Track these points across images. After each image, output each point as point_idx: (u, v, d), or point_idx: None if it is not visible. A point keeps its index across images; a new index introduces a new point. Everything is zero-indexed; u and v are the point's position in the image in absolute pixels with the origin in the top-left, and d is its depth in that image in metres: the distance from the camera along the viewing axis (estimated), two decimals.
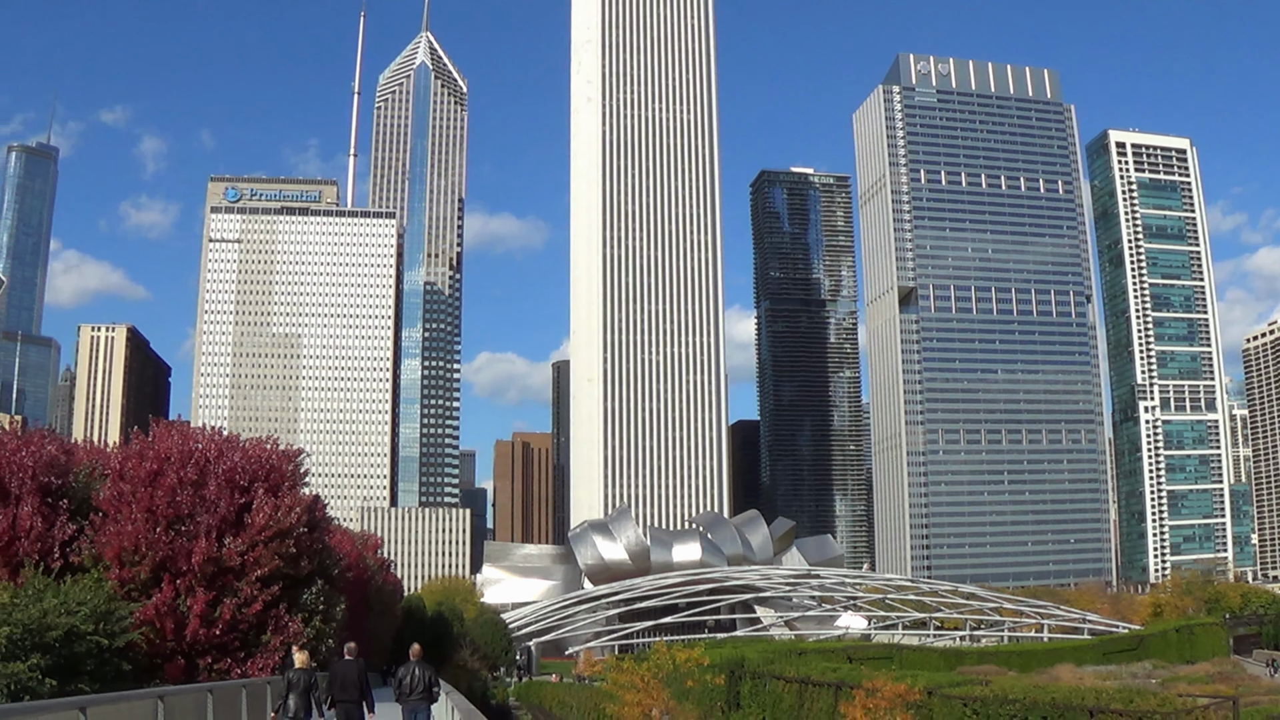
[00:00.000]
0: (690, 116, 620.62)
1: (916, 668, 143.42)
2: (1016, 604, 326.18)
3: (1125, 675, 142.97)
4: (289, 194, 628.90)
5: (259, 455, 71.59)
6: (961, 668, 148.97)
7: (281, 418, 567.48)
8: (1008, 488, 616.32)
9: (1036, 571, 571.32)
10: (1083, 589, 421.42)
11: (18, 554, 62.98)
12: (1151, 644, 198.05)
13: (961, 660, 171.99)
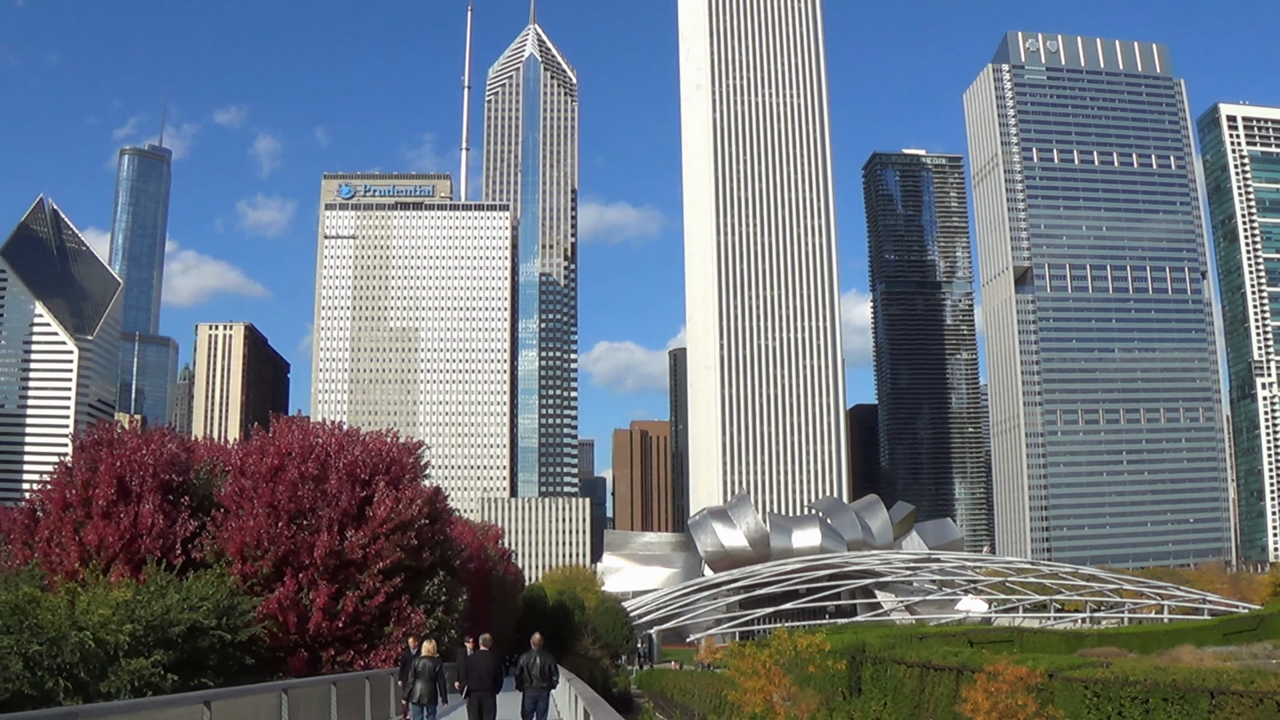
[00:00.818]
0: (800, 100, 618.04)
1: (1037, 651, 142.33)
2: (1136, 585, 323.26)
3: (1246, 656, 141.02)
4: (402, 189, 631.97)
5: (379, 448, 72.01)
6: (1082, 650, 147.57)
7: (400, 411, 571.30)
8: (1126, 468, 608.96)
9: (1156, 552, 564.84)
10: (1202, 569, 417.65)
11: (140, 551, 63.53)
12: (1272, 624, 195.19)
13: (1082, 642, 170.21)
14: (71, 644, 47.06)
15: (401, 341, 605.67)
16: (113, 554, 64.32)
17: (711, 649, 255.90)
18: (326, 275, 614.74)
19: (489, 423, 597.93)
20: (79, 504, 66.76)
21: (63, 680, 46.83)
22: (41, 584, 58.70)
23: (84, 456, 70.08)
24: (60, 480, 69.83)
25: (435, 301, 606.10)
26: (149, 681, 47.21)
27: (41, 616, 48.69)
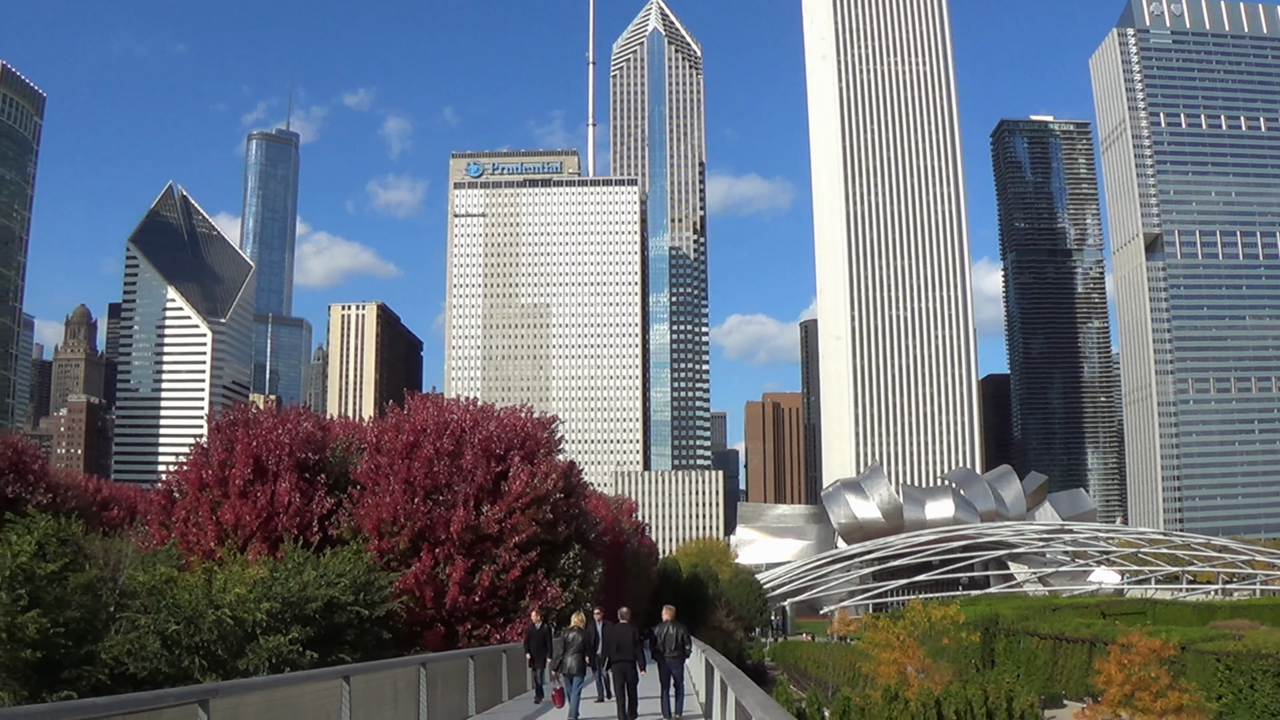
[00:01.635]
0: (926, 68, 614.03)
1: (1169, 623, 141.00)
2: (1269, 556, 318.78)
3: None
4: (530, 166, 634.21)
5: (514, 424, 72.17)
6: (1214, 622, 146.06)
7: (533, 387, 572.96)
8: (1258, 437, 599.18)
9: None
10: None
11: (276, 529, 63.98)
12: None
13: (1214, 615, 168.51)
14: (209, 622, 47.27)
15: (533, 318, 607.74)
16: (250, 532, 64.81)
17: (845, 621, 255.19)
18: (457, 253, 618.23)
19: (621, 397, 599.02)
20: (215, 484, 67.33)
21: (200, 658, 47.07)
22: (179, 564, 59.13)
23: (220, 437, 70.69)
24: (196, 461, 70.49)
25: (566, 277, 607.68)
26: (286, 658, 47.38)
27: (179, 596, 48.96)
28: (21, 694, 46.15)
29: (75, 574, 50.21)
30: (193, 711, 20.68)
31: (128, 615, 49.27)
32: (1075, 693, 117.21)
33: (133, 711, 19.25)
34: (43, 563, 49.01)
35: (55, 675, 47.07)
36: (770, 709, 19.93)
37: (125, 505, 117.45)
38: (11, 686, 46.33)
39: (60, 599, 48.23)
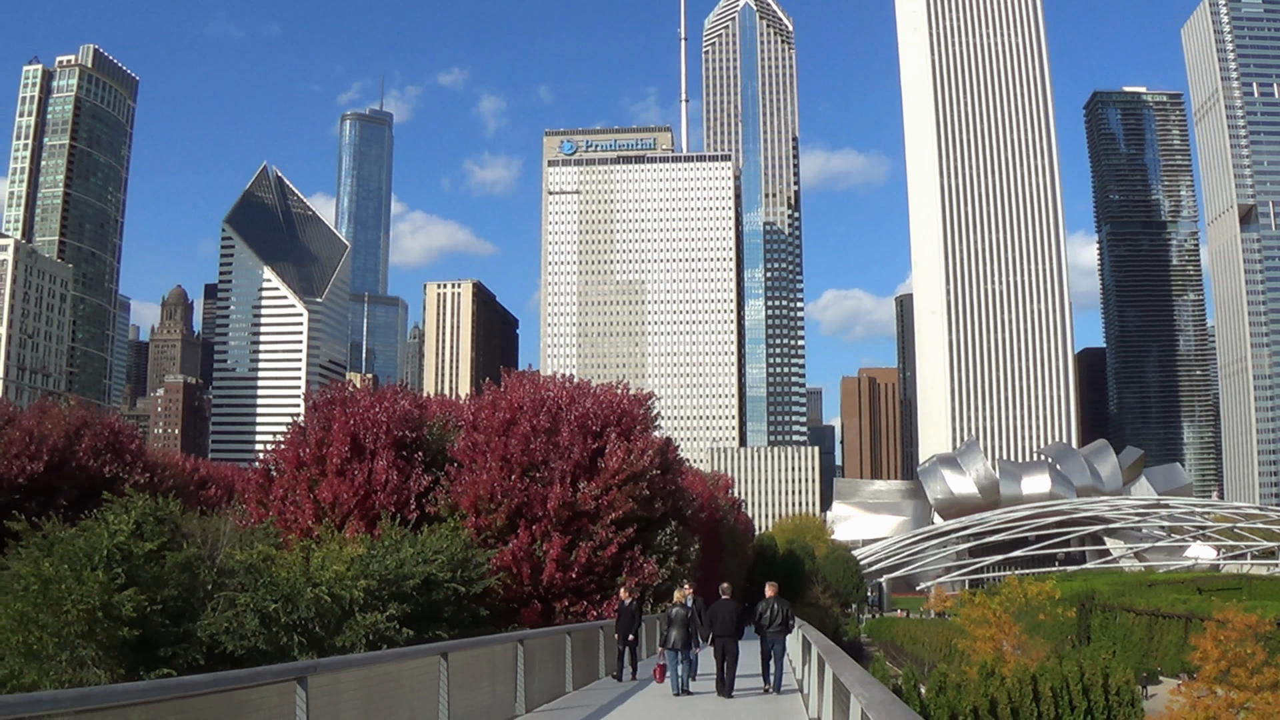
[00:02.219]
0: (1018, 40, 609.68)
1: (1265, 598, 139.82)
2: None
3: None
4: (624, 143, 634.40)
5: (610, 400, 72.09)
6: None
7: (629, 363, 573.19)
8: None
9: None
10: None
11: (374, 507, 64.25)
12: None
13: None
14: (306, 600, 47.43)
15: (628, 294, 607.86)
16: (347, 510, 65.07)
17: (941, 597, 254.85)
18: (551, 231, 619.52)
19: (717, 373, 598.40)
20: (313, 462, 67.64)
21: (298, 636, 47.22)
22: (276, 542, 59.34)
23: (317, 416, 71.02)
24: (294, 440, 70.86)
25: (660, 253, 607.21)
26: (384, 635, 47.53)
27: (276, 574, 49.17)
28: (119, 672, 46.42)
29: (173, 553, 50.43)
30: (291, 688, 20.66)
31: (225, 593, 49.52)
32: (1171, 669, 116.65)
33: (232, 688, 19.27)
34: (140, 542, 49.27)
35: (152, 653, 47.30)
36: (869, 685, 19.76)
37: (223, 484, 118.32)
38: (109, 664, 46.62)
39: (157, 577, 48.47)
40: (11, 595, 48.12)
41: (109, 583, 46.40)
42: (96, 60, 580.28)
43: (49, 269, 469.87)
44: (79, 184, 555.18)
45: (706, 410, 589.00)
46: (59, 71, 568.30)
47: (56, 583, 46.41)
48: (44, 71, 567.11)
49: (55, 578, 46.61)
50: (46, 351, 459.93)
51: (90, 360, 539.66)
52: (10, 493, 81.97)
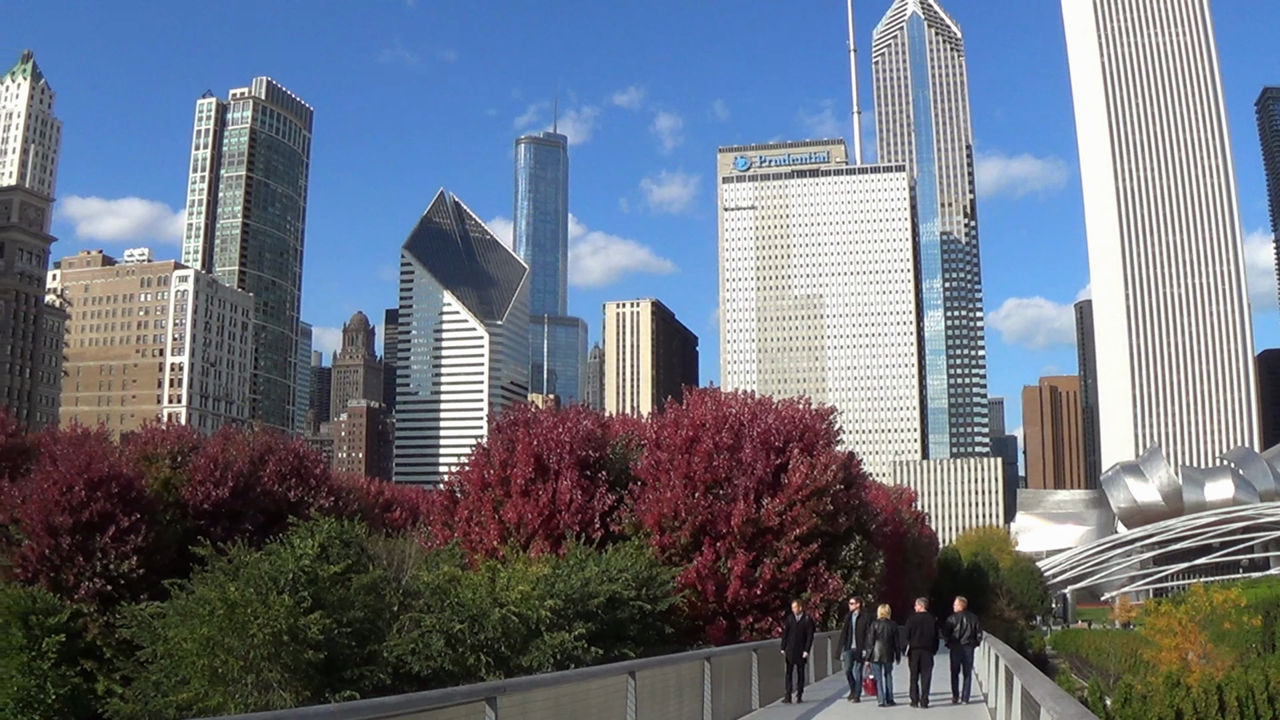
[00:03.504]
0: (1187, 37, 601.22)
1: None
2: None
3: None
4: (797, 157, 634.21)
5: (792, 416, 71.79)
6: None
7: (809, 378, 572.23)
8: None
9: None
10: None
11: (559, 527, 64.49)
12: None
13: None
14: (493, 620, 47.50)
15: (806, 309, 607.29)
16: (532, 530, 65.39)
17: (1125, 607, 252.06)
18: (728, 247, 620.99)
19: (897, 385, 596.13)
20: (497, 483, 68.11)
21: (484, 656, 47.32)
22: (462, 563, 59.60)
23: (501, 437, 71.52)
24: (478, 461, 71.40)
25: (837, 267, 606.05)
26: (570, 654, 47.50)
27: (462, 595, 49.30)
28: (304, 694, 46.76)
29: (358, 575, 50.78)
30: (480, 709, 20.55)
31: (411, 614, 49.76)
32: None
33: (422, 710, 19.18)
34: (326, 565, 49.66)
35: (338, 675, 47.67)
36: (1061, 699, 19.35)
37: (407, 506, 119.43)
38: (294, 687, 46.95)
39: (343, 600, 48.81)
40: (198, 619, 48.65)
41: (295, 606, 46.76)
42: (270, 92, 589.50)
43: (230, 298, 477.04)
44: (257, 214, 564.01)
45: (888, 423, 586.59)
46: (233, 104, 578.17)
47: (242, 606, 46.84)
48: (218, 104, 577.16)
49: (241, 601, 47.05)
50: (229, 379, 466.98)
51: (273, 387, 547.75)
52: (196, 518, 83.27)
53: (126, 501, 78.70)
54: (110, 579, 76.46)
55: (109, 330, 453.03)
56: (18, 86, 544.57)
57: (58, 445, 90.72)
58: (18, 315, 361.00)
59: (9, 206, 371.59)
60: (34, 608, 73.91)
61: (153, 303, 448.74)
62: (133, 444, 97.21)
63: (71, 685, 74.75)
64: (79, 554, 77.18)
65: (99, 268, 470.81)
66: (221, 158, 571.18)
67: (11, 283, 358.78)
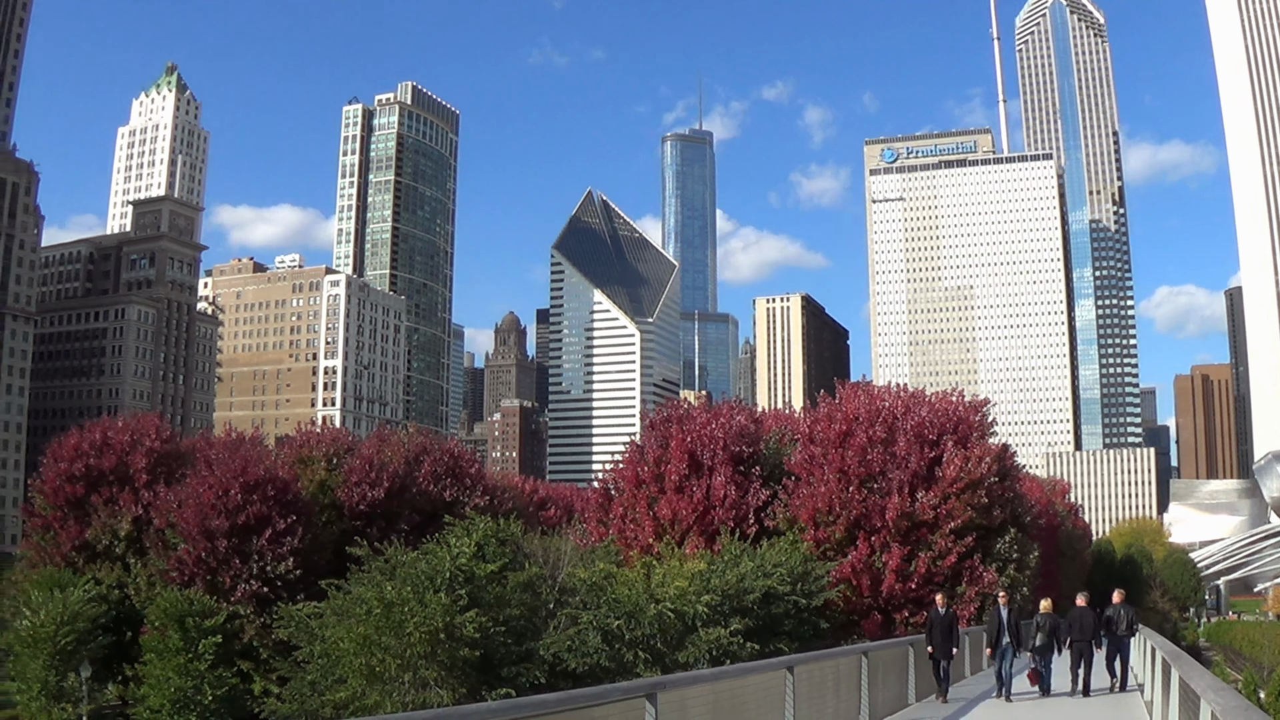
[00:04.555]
0: None
1: None
2: None
3: None
4: (944, 147, 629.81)
5: (945, 408, 71.48)
6: None
7: (960, 370, 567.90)
8: None
9: None
10: None
11: (713, 523, 64.50)
12: None
13: None
14: (649, 616, 47.60)
15: (956, 300, 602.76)
16: (686, 527, 65.48)
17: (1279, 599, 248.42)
18: (877, 240, 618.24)
19: (1049, 376, 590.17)
20: (651, 480, 68.24)
21: (640, 652, 47.38)
22: (617, 560, 59.81)
23: (654, 434, 71.75)
24: (632, 458, 71.64)
25: (987, 257, 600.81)
26: (727, 650, 47.52)
27: (618, 591, 49.41)
28: (460, 691, 47.07)
29: (514, 573, 50.99)
30: (640, 705, 20.51)
31: (567, 611, 49.95)
32: None
33: (582, 706, 19.17)
34: (482, 563, 49.94)
35: (494, 673, 47.95)
36: (1221, 692, 19.08)
37: (562, 504, 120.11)
38: (451, 685, 47.25)
39: (500, 598, 49.06)
40: (355, 619, 49.14)
41: (451, 604, 47.07)
42: (416, 96, 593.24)
43: (381, 301, 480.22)
44: (406, 218, 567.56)
45: (1040, 415, 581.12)
46: (379, 110, 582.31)
47: (399, 606, 47.24)
48: (364, 110, 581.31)
49: (398, 601, 47.46)
50: (383, 381, 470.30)
51: (426, 388, 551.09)
52: (352, 519, 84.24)
53: (282, 504, 79.82)
54: (267, 581, 77.65)
55: (262, 336, 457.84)
56: (163, 99, 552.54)
57: (213, 450, 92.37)
58: (170, 323, 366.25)
59: (158, 217, 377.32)
60: (190, 610, 75.25)
61: (305, 307, 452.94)
62: (288, 447, 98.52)
63: (228, 686, 76.00)
64: (235, 557, 78.44)
65: (250, 274, 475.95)
66: (369, 163, 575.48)
67: (164, 291, 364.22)
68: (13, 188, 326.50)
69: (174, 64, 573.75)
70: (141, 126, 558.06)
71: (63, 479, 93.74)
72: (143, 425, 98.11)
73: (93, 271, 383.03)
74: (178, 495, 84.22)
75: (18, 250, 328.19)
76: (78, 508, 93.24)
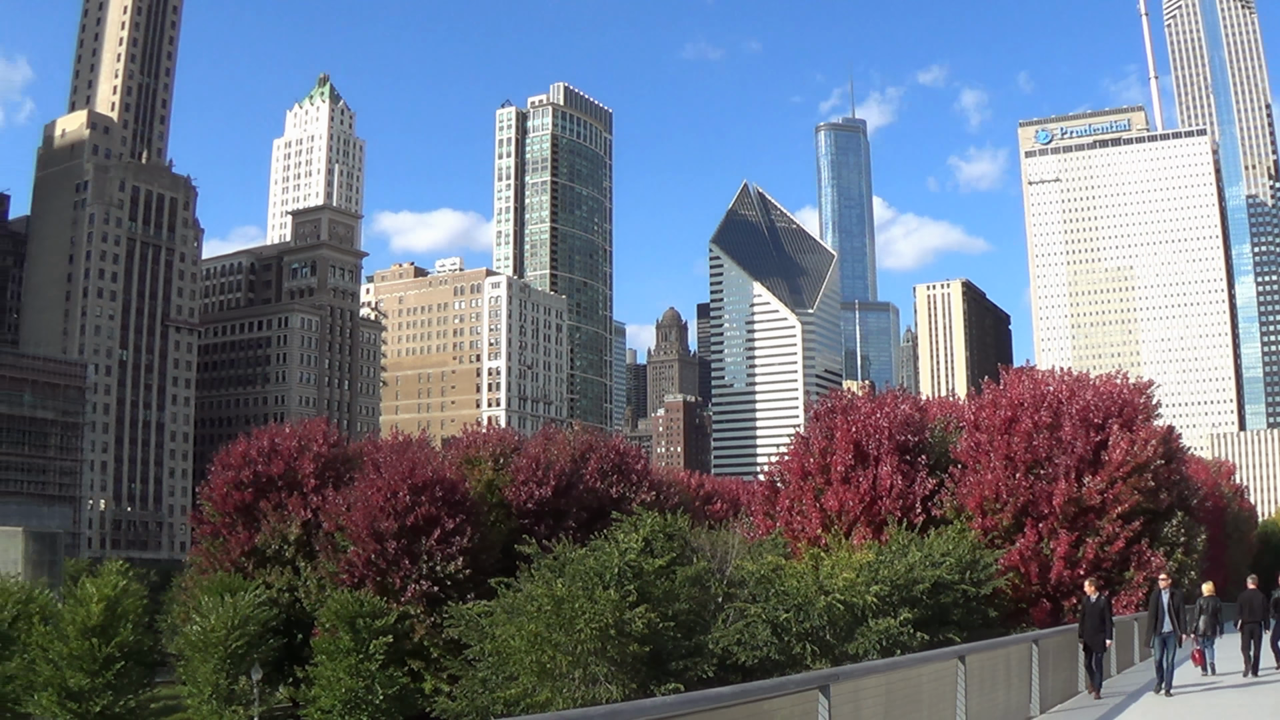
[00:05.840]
0: None
1: None
2: None
3: None
4: (1097, 127, 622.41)
5: (1110, 391, 71.07)
6: None
7: (1123, 351, 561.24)
8: None
9: None
10: None
11: (880, 513, 64.57)
12: None
13: None
14: (818, 608, 47.82)
15: (1116, 281, 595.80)
16: (853, 517, 65.64)
17: None
18: (1035, 222, 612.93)
19: (1211, 356, 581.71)
20: (817, 471, 68.52)
21: (809, 644, 47.56)
22: (785, 552, 60.09)
23: (819, 426, 71.97)
24: (798, 450, 71.94)
25: (1145, 236, 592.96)
26: (897, 640, 47.57)
27: (787, 583, 49.63)
28: (630, 687, 47.52)
29: (683, 568, 51.36)
30: (813, 697, 20.72)
31: (736, 605, 50.25)
32: None
33: (756, 699, 19.41)
34: (650, 558, 50.38)
35: (663, 668, 48.33)
36: None
37: (728, 498, 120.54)
38: (620, 680, 47.72)
39: (668, 593, 49.45)
40: (525, 616, 49.77)
41: (621, 600, 47.53)
42: (568, 97, 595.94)
43: (543, 301, 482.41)
44: (564, 217, 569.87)
45: (1203, 395, 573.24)
46: (532, 112, 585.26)
47: (569, 602, 47.77)
48: (518, 113, 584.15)
49: (567, 597, 48.00)
50: (546, 380, 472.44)
51: (590, 386, 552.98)
52: (520, 517, 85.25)
53: (451, 504, 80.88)
54: (436, 580, 78.80)
55: (425, 339, 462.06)
56: (317, 110, 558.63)
57: (380, 453, 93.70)
58: (334, 329, 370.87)
59: (318, 225, 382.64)
60: (361, 611, 76.60)
61: (467, 310, 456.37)
62: (455, 448, 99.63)
63: (399, 685, 77.16)
64: (405, 557, 79.65)
65: (411, 279, 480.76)
66: (525, 165, 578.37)
67: (326, 298, 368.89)
68: (171, 203, 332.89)
69: (326, 75, 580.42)
70: (297, 138, 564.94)
71: (231, 486, 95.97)
72: (310, 431, 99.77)
73: (254, 281, 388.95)
74: (346, 498, 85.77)
75: (179, 263, 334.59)
76: (246, 514, 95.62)
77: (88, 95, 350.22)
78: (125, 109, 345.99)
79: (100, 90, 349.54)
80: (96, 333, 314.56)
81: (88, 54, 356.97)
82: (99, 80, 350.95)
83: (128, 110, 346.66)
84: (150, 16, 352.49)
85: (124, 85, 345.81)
